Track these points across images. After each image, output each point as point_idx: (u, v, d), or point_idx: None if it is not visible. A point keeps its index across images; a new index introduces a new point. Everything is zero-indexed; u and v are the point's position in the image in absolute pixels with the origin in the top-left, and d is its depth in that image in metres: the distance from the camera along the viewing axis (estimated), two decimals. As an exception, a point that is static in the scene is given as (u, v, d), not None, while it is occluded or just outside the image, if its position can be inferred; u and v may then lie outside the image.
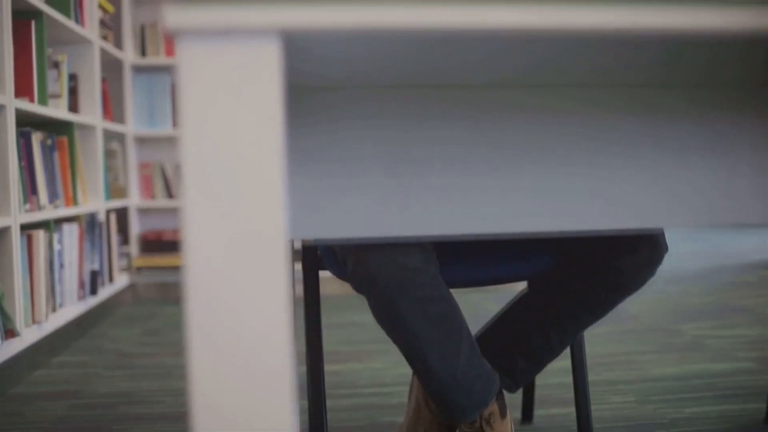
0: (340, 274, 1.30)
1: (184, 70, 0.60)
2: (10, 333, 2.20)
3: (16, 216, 2.30)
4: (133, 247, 3.66)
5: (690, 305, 3.30)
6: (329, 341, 2.72)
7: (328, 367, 2.34)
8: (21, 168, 2.42)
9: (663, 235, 1.25)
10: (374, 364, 2.39)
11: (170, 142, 3.81)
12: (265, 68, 0.61)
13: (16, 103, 2.34)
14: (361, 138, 0.95)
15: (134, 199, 3.69)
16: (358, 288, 1.20)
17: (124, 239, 3.63)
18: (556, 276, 1.35)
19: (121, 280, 3.49)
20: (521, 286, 1.91)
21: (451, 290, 1.24)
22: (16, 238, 2.29)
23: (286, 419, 0.59)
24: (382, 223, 1.05)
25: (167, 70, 3.78)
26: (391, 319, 1.19)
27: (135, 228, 3.68)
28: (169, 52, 3.73)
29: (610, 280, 1.28)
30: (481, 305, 3.33)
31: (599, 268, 1.29)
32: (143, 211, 3.77)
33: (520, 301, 1.43)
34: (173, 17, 0.59)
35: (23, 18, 2.52)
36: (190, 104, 0.60)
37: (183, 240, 0.60)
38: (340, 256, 1.25)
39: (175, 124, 3.74)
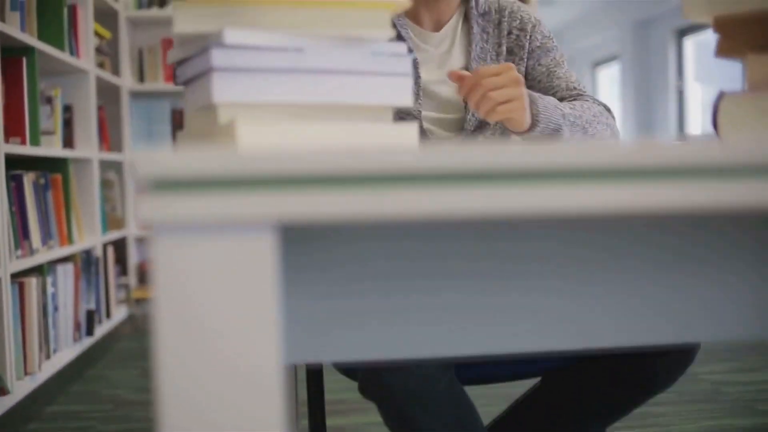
0: (348, 371, 1.21)
1: (160, 267, 0.50)
2: (1, 391, 2.10)
3: (6, 266, 2.20)
4: (132, 278, 3.57)
5: (706, 342, 3.20)
6: None
7: None
8: (12, 213, 2.33)
9: None
10: None
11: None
12: (257, 261, 0.51)
13: (5, 148, 2.25)
14: (360, 258, 0.85)
15: (132, 229, 3.60)
16: (368, 395, 1.12)
17: (122, 270, 3.54)
18: (574, 372, 1.25)
19: (120, 313, 3.39)
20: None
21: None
22: (6, 289, 2.20)
23: None
24: (388, 344, 0.95)
25: (166, 95, 3.69)
26: (405, 428, 1.11)
27: (133, 258, 3.59)
28: (168, 77, 3.63)
29: (636, 380, 1.19)
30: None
31: (624, 368, 1.19)
32: (142, 241, 3.68)
33: (534, 395, 1.33)
34: (149, 210, 0.50)
35: (14, 55, 2.43)
36: (169, 309, 0.50)
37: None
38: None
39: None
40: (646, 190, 0.52)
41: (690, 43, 9.40)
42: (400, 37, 1.46)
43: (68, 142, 2.96)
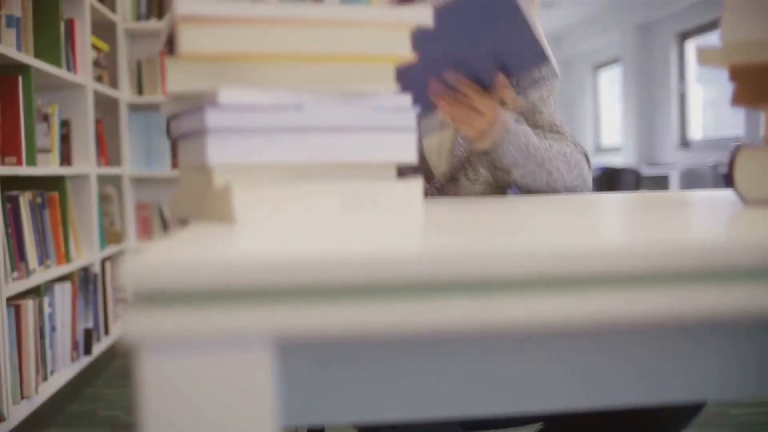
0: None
1: (147, 387, 0.47)
2: (-4, 419, 2.07)
3: (2, 289, 2.17)
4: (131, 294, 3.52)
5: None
6: None
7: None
8: (8, 235, 2.29)
9: None
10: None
11: (168, 182, 3.67)
12: (252, 381, 0.47)
13: (1, 170, 2.21)
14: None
15: (131, 243, 3.56)
16: None
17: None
18: (578, 419, 1.21)
19: (118, 328, 3.35)
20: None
21: None
22: (1, 314, 2.16)
23: None
24: (388, 405, 0.90)
25: (165, 108, 3.64)
26: None
27: (132, 272, 3.54)
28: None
29: (644, 426, 1.15)
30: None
31: (631, 416, 1.15)
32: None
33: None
34: (135, 325, 0.46)
35: (9, 73, 2.39)
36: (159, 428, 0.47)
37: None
38: None
39: (173, 164, 3.60)
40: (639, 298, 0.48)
41: (692, 46, 9.35)
42: None
43: (66, 157, 2.92)
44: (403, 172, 1.30)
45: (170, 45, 0.82)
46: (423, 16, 0.81)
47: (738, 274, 0.48)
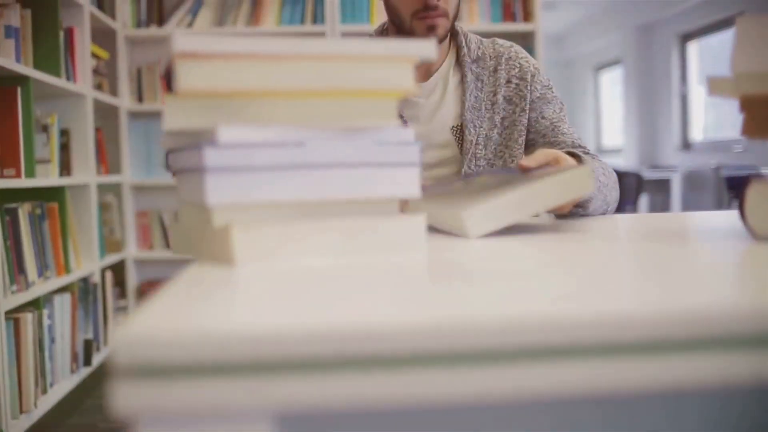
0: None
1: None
2: (-6, 435, 2.05)
3: (0, 303, 2.15)
4: (131, 301, 3.51)
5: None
6: None
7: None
8: (7, 248, 2.28)
9: None
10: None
11: (169, 190, 3.65)
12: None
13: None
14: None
15: (131, 251, 3.54)
16: None
17: (122, 292, 3.48)
18: None
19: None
20: None
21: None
22: (0, 327, 2.14)
23: None
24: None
25: (165, 115, 3.62)
26: None
27: (132, 280, 3.53)
28: (167, 97, 3.57)
29: None
30: None
31: None
32: (141, 263, 3.62)
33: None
34: (130, 399, 0.44)
35: (8, 85, 2.37)
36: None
37: None
38: None
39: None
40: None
41: (693, 48, 9.32)
42: None
43: (65, 167, 2.90)
44: None
45: (168, 78, 0.80)
46: (426, 49, 0.79)
47: (746, 342, 0.46)
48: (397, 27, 1.40)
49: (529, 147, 1.46)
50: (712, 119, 9.15)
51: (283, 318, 0.47)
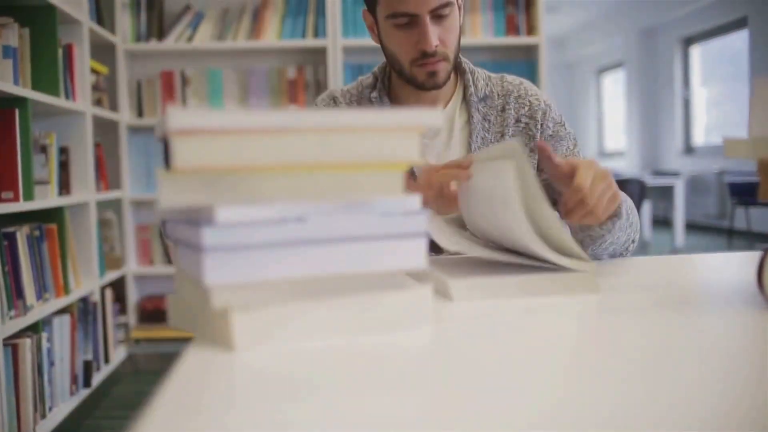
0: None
1: None
2: (-8, 466, 2.02)
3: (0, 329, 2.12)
4: (131, 317, 3.48)
5: None
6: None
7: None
8: (5, 273, 2.25)
9: None
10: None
11: (169, 207, 3.61)
12: None
13: (-3, 208, 2.17)
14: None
15: (131, 267, 3.51)
16: None
17: (122, 308, 3.45)
18: None
19: (119, 354, 3.31)
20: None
21: None
22: (-2, 355, 2.11)
23: None
24: None
25: (165, 130, 3.59)
26: None
27: (132, 296, 3.50)
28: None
29: None
30: None
31: None
32: (141, 278, 3.59)
33: None
34: None
35: (6, 107, 2.34)
36: None
37: None
38: None
39: (173, 187, 3.54)
40: None
41: (696, 51, 9.28)
42: None
43: (64, 185, 2.87)
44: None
45: (165, 151, 0.76)
46: (432, 117, 0.76)
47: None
48: (397, 72, 1.37)
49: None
50: (713, 120, 9.11)
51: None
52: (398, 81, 1.40)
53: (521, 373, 0.61)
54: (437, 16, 1.28)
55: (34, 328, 2.41)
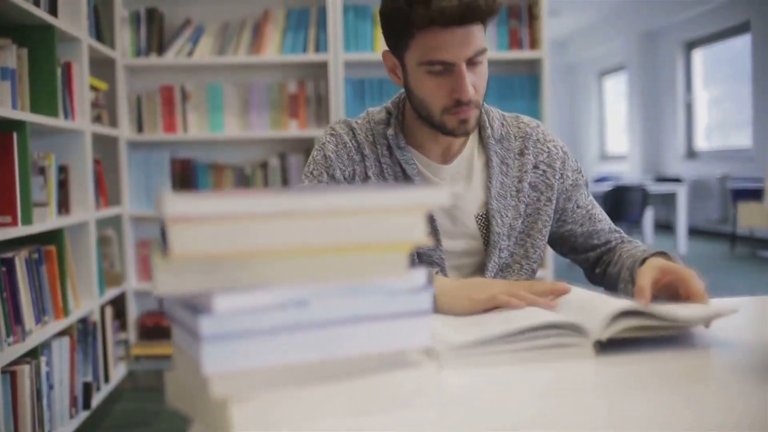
0: None
1: None
2: (-10, 498, 2.00)
3: (-3, 359, 2.10)
4: (131, 334, 3.46)
5: None
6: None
7: None
8: (3, 300, 2.22)
9: None
10: None
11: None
12: None
13: (-5, 235, 2.14)
14: None
15: (131, 283, 3.49)
16: None
17: (122, 325, 3.42)
18: None
19: (119, 372, 3.29)
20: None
21: None
22: (-4, 384, 2.09)
23: None
24: None
25: (165, 145, 3.57)
26: None
27: (132, 313, 3.47)
28: (167, 127, 3.52)
29: None
30: None
31: None
32: (141, 295, 3.56)
33: None
34: None
35: (4, 130, 2.32)
36: None
37: None
38: None
39: (173, 203, 3.52)
40: None
41: (698, 55, 9.24)
42: (404, 173, 1.33)
43: (63, 204, 2.85)
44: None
45: (162, 234, 0.74)
46: (438, 196, 0.74)
47: None
48: (424, 117, 1.31)
49: (567, 237, 1.42)
50: (714, 120, 9.08)
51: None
52: (415, 121, 1.34)
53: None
54: (472, 63, 1.23)
55: (32, 353, 2.39)
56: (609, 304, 0.96)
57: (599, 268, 1.40)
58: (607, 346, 0.93)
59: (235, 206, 0.68)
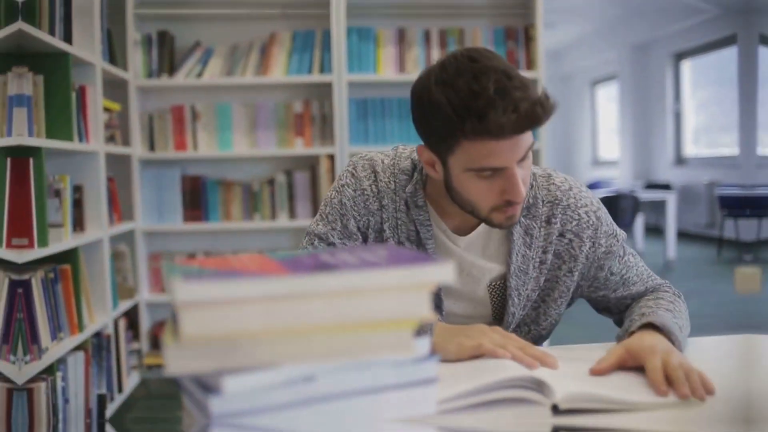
0: None
1: None
2: None
3: (16, 377, 2.09)
4: (144, 344, 3.44)
5: None
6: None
7: None
8: (20, 320, 2.21)
9: None
10: None
11: (181, 235, 3.58)
12: None
13: (9, 255, 2.13)
14: None
15: (144, 295, 3.47)
16: None
17: (135, 335, 3.41)
18: None
19: (132, 380, 3.27)
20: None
21: None
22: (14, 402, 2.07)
23: None
24: None
25: (177, 163, 3.55)
26: None
27: (145, 324, 3.46)
28: (178, 145, 3.50)
29: None
30: None
31: None
32: (153, 306, 3.55)
33: None
34: None
35: (20, 155, 2.30)
36: None
37: None
38: None
39: (185, 218, 3.51)
40: None
41: (687, 66, 9.22)
42: (418, 234, 1.21)
43: (78, 222, 2.83)
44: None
45: (173, 317, 0.72)
46: (444, 274, 0.72)
47: None
48: (468, 211, 1.18)
49: (601, 301, 1.29)
50: (702, 123, 9.06)
51: None
52: (442, 190, 1.20)
53: None
54: (522, 160, 1.11)
55: (49, 370, 2.37)
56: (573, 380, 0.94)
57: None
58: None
59: (244, 291, 0.66)
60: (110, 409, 2.90)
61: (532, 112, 1.03)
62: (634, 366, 1.01)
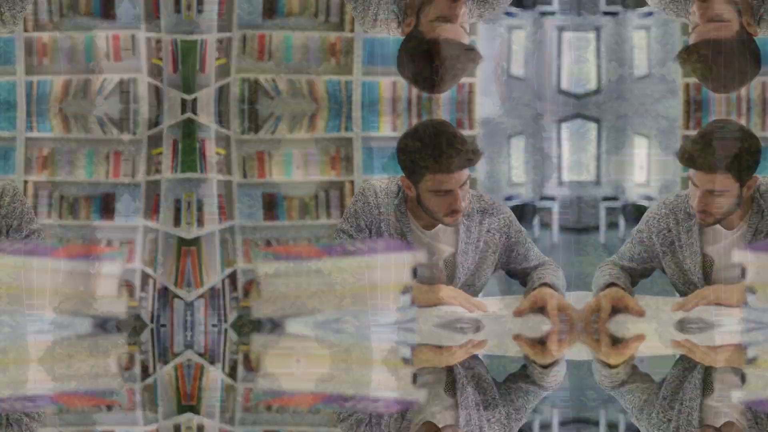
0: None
1: None
2: None
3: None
4: (240, 294, 2.89)
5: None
6: None
7: None
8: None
9: None
10: None
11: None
12: None
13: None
14: None
15: (240, 264, 2.96)
16: None
17: (234, 288, 3.09)
18: None
19: (231, 315, 2.88)
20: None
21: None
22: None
23: None
24: None
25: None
26: None
27: (240, 282, 3.01)
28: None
29: None
30: None
31: None
32: (245, 271, 2.93)
33: None
34: None
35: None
36: None
37: None
38: None
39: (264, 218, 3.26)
40: None
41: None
42: (402, 233, 1.80)
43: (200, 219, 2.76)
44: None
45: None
46: (417, 258, 1.22)
47: None
48: (427, 213, 1.79)
49: (512, 271, 1.92)
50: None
51: None
52: (414, 202, 1.82)
53: None
54: (462, 185, 1.75)
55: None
56: None
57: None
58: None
59: (296, 267, 1.08)
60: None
61: (468, 158, 1.76)
62: (541, 305, 1.77)
